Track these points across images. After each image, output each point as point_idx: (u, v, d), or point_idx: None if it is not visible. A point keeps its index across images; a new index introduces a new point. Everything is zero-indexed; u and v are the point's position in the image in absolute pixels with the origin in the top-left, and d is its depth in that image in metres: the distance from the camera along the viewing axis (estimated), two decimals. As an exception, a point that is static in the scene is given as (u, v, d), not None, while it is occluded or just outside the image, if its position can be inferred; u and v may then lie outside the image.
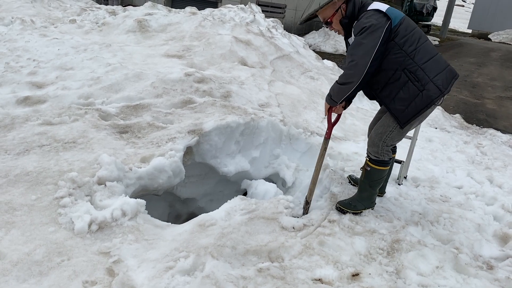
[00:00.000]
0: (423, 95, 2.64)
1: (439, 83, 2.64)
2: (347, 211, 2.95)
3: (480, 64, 13.64)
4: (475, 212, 3.32)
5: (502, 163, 4.71)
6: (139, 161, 3.09)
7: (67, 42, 5.45)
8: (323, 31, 16.34)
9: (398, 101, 2.70)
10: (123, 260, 2.21)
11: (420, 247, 2.65)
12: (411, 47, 2.62)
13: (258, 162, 4.04)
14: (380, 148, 2.87)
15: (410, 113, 2.69)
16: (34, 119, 3.56)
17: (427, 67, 2.63)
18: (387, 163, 2.93)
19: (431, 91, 2.63)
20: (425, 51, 2.65)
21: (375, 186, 3.00)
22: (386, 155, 2.90)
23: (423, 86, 2.63)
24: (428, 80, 2.62)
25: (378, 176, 2.96)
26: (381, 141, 2.86)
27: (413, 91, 2.64)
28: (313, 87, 5.89)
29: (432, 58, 2.66)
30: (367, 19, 2.57)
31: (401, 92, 2.67)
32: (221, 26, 6.67)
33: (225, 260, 2.28)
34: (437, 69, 2.65)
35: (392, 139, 2.86)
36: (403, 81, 2.65)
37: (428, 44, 2.70)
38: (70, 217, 2.43)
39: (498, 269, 2.58)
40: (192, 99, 4.24)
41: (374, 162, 2.92)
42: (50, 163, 2.95)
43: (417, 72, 2.62)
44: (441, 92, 2.65)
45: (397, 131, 2.81)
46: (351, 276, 2.32)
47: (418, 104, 2.66)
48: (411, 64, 2.62)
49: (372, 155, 2.92)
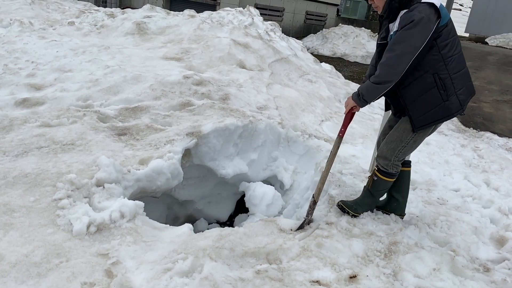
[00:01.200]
0: (445, 106, 2.54)
1: (462, 98, 2.56)
2: (348, 211, 2.94)
3: (477, 68, 13.70)
4: (472, 215, 3.33)
5: (499, 166, 4.74)
6: (138, 163, 3.09)
7: (66, 44, 5.46)
8: (321, 34, 16.41)
9: (419, 104, 2.57)
10: (122, 262, 2.21)
11: (417, 249, 2.66)
12: (449, 52, 2.48)
13: (256, 164, 4.05)
14: (392, 162, 2.80)
15: (427, 119, 2.59)
16: (32, 121, 3.56)
17: (456, 78, 2.52)
18: (393, 175, 2.88)
19: (453, 104, 2.54)
20: (459, 61, 2.54)
21: (378, 196, 2.99)
22: (395, 168, 2.84)
23: (448, 97, 2.52)
24: (453, 92, 2.52)
25: (383, 187, 2.93)
26: (393, 156, 2.78)
27: (437, 99, 2.53)
28: (311, 90, 5.91)
29: (462, 71, 2.57)
30: (420, 13, 2.33)
31: (425, 96, 2.55)
32: (220, 29, 6.69)
33: (224, 262, 2.28)
34: (463, 83, 2.56)
35: (405, 153, 2.79)
36: (430, 86, 2.52)
37: (462, 54, 2.58)
38: (68, 218, 2.43)
39: (495, 271, 2.59)
40: (190, 102, 4.25)
41: (383, 173, 2.86)
42: (48, 165, 2.95)
43: (446, 81, 2.50)
44: (461, 108, 2.57)
45: (409, 145, 2.73)
46: (348, 278, 2.33)
47: (437, 114, 2.57)
48: (444, 71, 2.49)
49: (382, 166, 2.85)
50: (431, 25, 2.34)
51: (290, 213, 3.65)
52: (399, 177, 3.00)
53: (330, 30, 16.45)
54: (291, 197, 3.87)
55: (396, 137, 2.75)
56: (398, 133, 2.74)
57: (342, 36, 15.87)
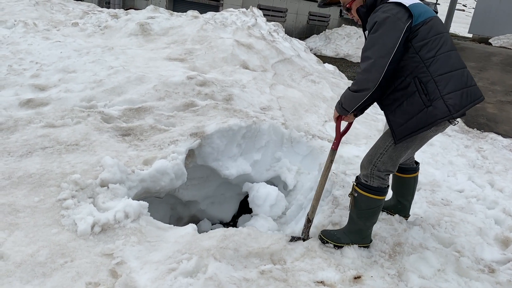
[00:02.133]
0: (428, 112, 2.23)
1: (451, 103, 2.19)
2: (328, 241, 2.58)
3: (481, 69, 13.66)
4: (476, 215, 3.32)
5: (503, 167, 4.72)
6: (142, 164, 3.10)
7: (70, 45, 5.48)
8: (324, 35, 16.40)
9: (400, 112, 2.32)
10: (126, 262, 2.21)
11: (421, 250, 2.66)
12: (429, 53, 2.21)
13: (260, 165, 4.05)
14: (369, 171, 2.47)
15: (408, 129, 2.30)
16: (37, 122, 3.57)
17: (441, 81, 2.20)
18: (378, 191, 2.48)
19: (438, 110, 2.21)
20: (445, 62, 2.22)
21: (363, 219, 2.53)
22: (377, 181, 2.47)
23: (430, 102, 2.22)
24: (438, 96, 2.20)
25: (367, 206, 2.50)
26: (371, 164, 2.47)
27: (418, 105, 2.25)
28: (314, 91, 5.91)
29: (452, 72, 2.23)
30: (383, 13, 2.18)
31: (405, 103, 2.29)
32: (223, 30, 6.69)
33: (228, 262, 2.28)
34: (453, 86, 2.21)
35: (384, 164, 2.44)
36: (410, 91, 2.27)
37: (452, 54, 2.26)
38: (73, 219, 2.44)
39: (500, 272, 2.58)
40: (194, 102, 4.25)
41: (362, 187, 2.49)
42: (53, 165, 2.96)
43: (428, 84, 2.21)
44: (450, 114, 2.20)
45: (388, 154, 2.42)
46: (353, 279, 2.33)
47: (419, 121, 2.27)
48: (424, 73, 2.21)
49: (362, 178, 2.53)
50: (400, 24, 2.16)
51: (294, 213, 3.65)
52: (404, 183, 2.90)
53: (333, 31, 16.45)
54: (294, 198, 3.86)
55: (376, 144, 2.52)
56: (380, 139, 2.52)
57: (345, 37, 15.86)
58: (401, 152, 2.43)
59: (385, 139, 2.46)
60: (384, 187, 2.51)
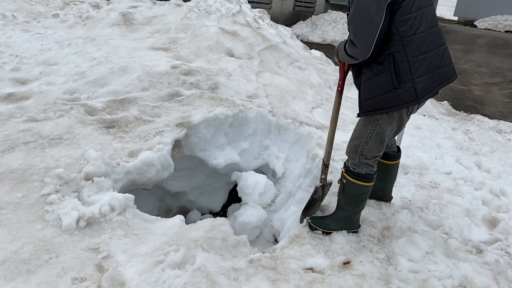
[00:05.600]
0: (395, 94, 2.22)
1: (419, 87, 2.20)
2: (317, 228, 2.59)
3: (467, 51, 13.72)
4: (464, 197, 3.34)
5: (490, 148, 4.76)
6: (127, 156, 3.05)
7: (51, 37, 5.36)
8: (310, 21, 16.31)
9: (370, 86, 2.29)
10: (113, 256, 2.18)
11: (410, 233, 2.67)
12: (408, 31, 2.14)
13: (248, 153, 4.02)
14: (357, 161, 2.48)
15: (374, 105, 2.29)
16: (18, 116, 3.49)
17: (416, 63, 2.17)
18: (366, 177, 2.49)
19: (405, 94, 2.21)
20: (423, 42, 2.18)
21: (352, 205, 2.54)
22: (365, 168, 2.48)
23: (400, 84, 2.19)
24: (409, 79, 2.18)
25: (356, 192, 2.51)
26: (357, 153, 2.46)
27: (388, 84, 2.22)
28: (301, 77, 5.87)
29: (427, 54, 2.20)
30: None
31: (378, 78, 2.25)
32: (207, 18, 6.60)
33: (216, 252, 2.26)
34: (425, 69, 2.20)
35: (370, 151, 2.44)
36: (384, 68, 2.21)
37: (432, 33, 2.22)
38: (57, 214, 2.39)
39: (487, 252, 2.60)
40: (179, 92, 4.19)
41: (351, 174, 2.50)
42: (35, 160, 2.90)
43: (402, 65, 2.17)
44: (417, 98, 2.21)
45: (372, 140, 2.41)
46: (342, 265, 2.33)
47: (385, 101, 2.25)
48: (401, 52, 2.16)
49: (351, 166, 2.53)
50: None
51: (283, 201, 3.64)
52: (385, 169, 2.87)
53: (319, 17, 16.36)
54: (283, 185, 3.85)
55: (357, 133, 2.47)
56: (358, 127, 2.48)
57: (331, 23, 15.79)
58: (383, 135, 2.42)
59: (366, 127, 2.42)
60: (373, 174, 2.52)
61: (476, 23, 24.34)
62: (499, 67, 11.65)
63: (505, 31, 22.29)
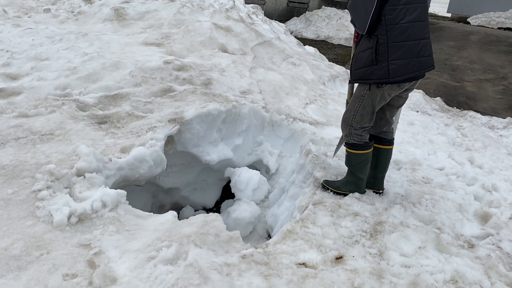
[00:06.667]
0: (372, 69, 2.59)
1: (393, 68, 2.52)
2: (329, 188, 3.01)
3: (460, 48, 13.78)
4: (456, 192, 3.36)
5: (482, 144, 4.79)
6: (119, 152, 3.03)
7: (42, 32, 5.30)
8: (304, 17, 16.29)
9: (358, 58, 2.69)
10: (104, 252, 2.16)
11: (402, 228, 2.67)
12: (394, 20, 2.46)
13: (241, 149, 4.02)
14: (348, 132, 2.88)
15: (357, 75, 2.71)
16: (9, 112, 3.46)
17: (393, 47, 2.49)
18: (360, 146, 2.88)
19: (379, 70, 2.56)
20: (403, 32, 2.48)
21: (356, 171, 2.98)
22: (356, 138, 2.86)
23: (377, 62, 2.55)
24: (385, 59, 2.52)
25: (356, 161, 2.94)
26: (348, 125, 2.86)
27: (369, 60, 2.59)
28: (295, 73, 5.87)
29: (405, 42, 2.50)
30: None
31: (363, 53, 2.63)
32: (200, 13, 6.57)
33: (209, 248, 2.25)
34: (402, 54, 2.51)
35: (358, 122, 2.82)
36: (369, 46, 2.58)
37: (416, 26, 2.52)
38: (48, 210, 2.37)
39: (479, 247, 2.62)
40: (172, 87, 4.17)
41: (349, 145, 2.93)
42: (26, 156, 2.87)
43: (381, 46, 2.51)
44: (387, 78, 2.55)
45: (359, 113, 2.78)
46: (335, 259, 2.33)
47: (364, 73, 2.65)
48: (383, 36, 2.49)
49: (345, 139, 2.96)
50: None
51: (276, 197, 3.64)
52: (378, 153, 3.06)
53: (313, 13, 16.33)
54: (277, 181, 3.85)
55: (347, 109, 2.90)
56: (349, 104, 2.88)
57: (325, 19, 15.78)
58: (369, 109, 2.78)
59: (353, 103, 2.82)
60: (365, 142, 2.89)
61: (469, 20, 24.45)
62: (491, 64, 11.71)
63: (498, 28, 22.42)
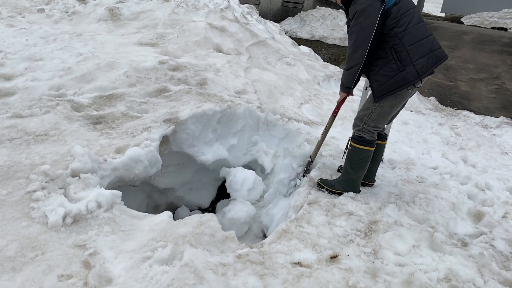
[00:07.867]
0: (401, 76, 2.76)
1: (419, 67, 2.74)
2: (324, 187, 3.08)
3: (453, 47, 13.86)
4: (450, 191, 3.38)
5: (476, 143, 4.82)
6: (114, 152, 3.03)
7: (36, 32, 5.28)
8: (299, 17, 16.31)
9: (379, 76, 2.83)
10: (100, 252, 2.16)
11: (396, 227, 2.69)
12: (400, 28, 2.71)
13: (236, 149, 4.02)
14: (361, 127, 2.98)
15: (385, 89, 2.82)
16: (3, 112, 3.44)
17: (412, 50, 2.72)
18: (368, 142, 2.99)
19: (409, 74, 2.74)
20: (414, 34, 2.73)
21: (355, 168, 3.04)
22: (367, 134, 2.98)
23: (404, 67, 2.74)
24: (409, 63, 2.73)
25: (358, 157, 3.02)
26: (362, 122, 2.97)
27: (394, 70, 2.77)
28: (290, 73, 5.88)
29: (419, 42, 2.74)
30: (361, 4, 2.67)
31: (384, 68, 2.80)
32: (195, 13, 6.56)
33: (204, 248, 2.26)
34: (421, 53, 2.74)
35: (373, 120, 2.94)
36: (388, 59, 2.78)
37: (420, 26, 2.78)
38: (43, 211, 2.36)
39: (472, 245, 2.64)
40: (167, 88, 4.17)
41: (355, 140, 3.01)
42: (21, 156, 2.86)
43: (402, 53, 2.73)
44: (418, 76, 2.75)
45: (376, 112, 2.91)
46: (329, 259, 2.34)
47: (394, 83, 2.79)
48: (398, 44, 2.73)
49: (355, 133, 3.03)
50: (375, 12, 2.64)
51: (271, 197, 3.65)
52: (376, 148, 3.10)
53: (308, 13, 16.36)
54: (272, 181, 3.85)
55: (364, 106, 3.01)
56: (367, 102, 3.01)
57: (320, 19, 15.82)
58: (386, 110, 2.91)
59: (372, 102, 2.94)
60: (373, 139, 3.01)
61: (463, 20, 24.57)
62: (485, 63, 11.79)
63: (491, 28, 22.55)
